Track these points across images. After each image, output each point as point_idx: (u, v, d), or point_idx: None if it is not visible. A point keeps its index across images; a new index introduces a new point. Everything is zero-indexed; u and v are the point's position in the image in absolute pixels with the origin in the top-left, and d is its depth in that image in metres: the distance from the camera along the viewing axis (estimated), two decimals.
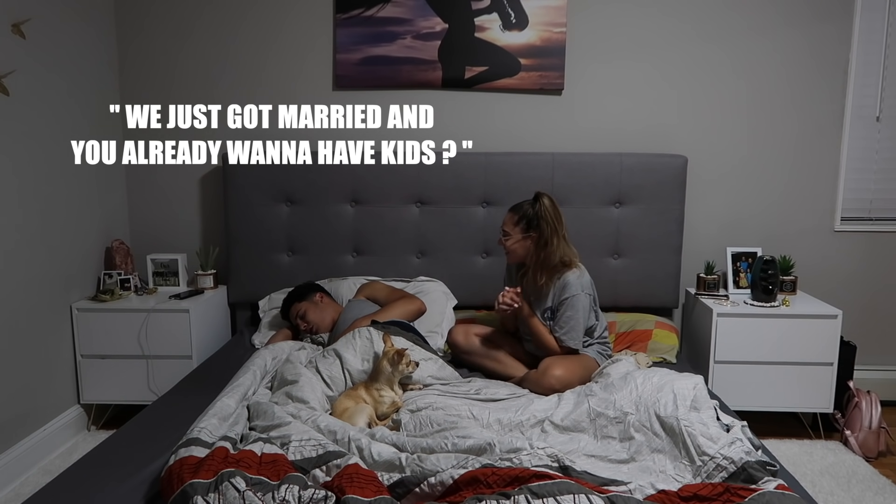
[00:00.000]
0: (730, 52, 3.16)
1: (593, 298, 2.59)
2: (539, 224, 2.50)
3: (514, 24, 3.15)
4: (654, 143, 3.21)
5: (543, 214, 2.49)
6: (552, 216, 2.49)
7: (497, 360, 2.63)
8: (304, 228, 3.19)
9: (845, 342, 2.96)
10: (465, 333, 2.67)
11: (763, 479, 1.65)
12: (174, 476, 1.62)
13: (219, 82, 3.27)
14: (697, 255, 3.26)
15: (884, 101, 3.20)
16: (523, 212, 2.53)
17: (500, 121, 3.25)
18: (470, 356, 2.67)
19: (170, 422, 2.11)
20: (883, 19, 3.15)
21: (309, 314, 2.81)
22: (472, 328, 2.70)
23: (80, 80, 2.98)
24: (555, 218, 2.50)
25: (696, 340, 3.10)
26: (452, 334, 2.71)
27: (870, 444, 2.80)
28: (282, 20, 3.21)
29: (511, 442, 1.75)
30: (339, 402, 2.21)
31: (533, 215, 2.51)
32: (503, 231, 2.57)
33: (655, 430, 1.93)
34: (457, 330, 2.71)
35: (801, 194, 3.25)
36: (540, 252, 2.50)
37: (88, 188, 3.05)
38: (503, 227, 2.57)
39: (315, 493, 1.55)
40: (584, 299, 2.51)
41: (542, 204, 2.50)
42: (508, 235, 2.55)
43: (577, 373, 2.43)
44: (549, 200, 2.52)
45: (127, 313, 2.92)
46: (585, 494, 1.49)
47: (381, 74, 3.20)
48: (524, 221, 2.52)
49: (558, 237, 2.50)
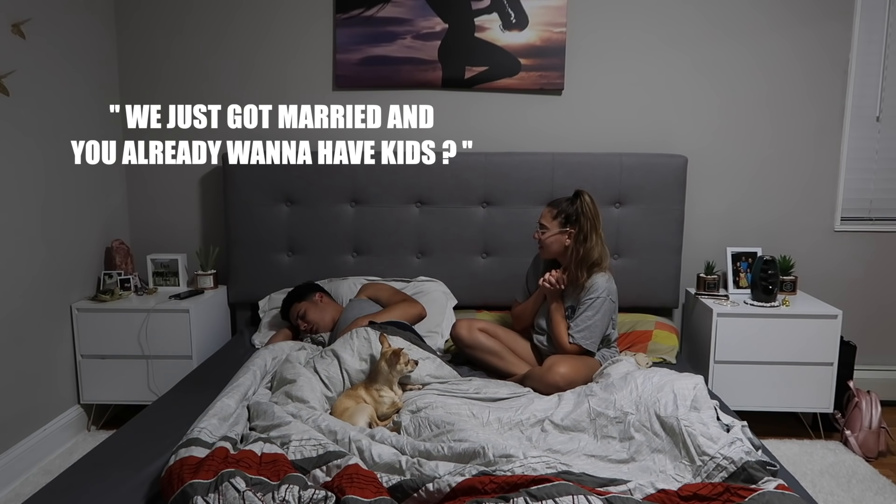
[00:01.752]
0: (730, 52, 3.16)
1: (615, 308, 2.61)
2: (579, 219, 2.54)
3: (514, 24, 3.15)
4: (654, 143, 3.21)
5: (584, 210, 2.53)
6: (592, 213, 2.54)
7: (500, 356, 2.63)
8: (304, 228, 3.19)
9: (845, 342, 2.96)
10: (468, 328, 2.67)
11: (763, 479, 1.65)
12: (174, 476, 1.62)
13: (219, 82, 3.27)
14: (697, 255, 3.26)
15: (884, 101, 3.20)
16: (562, 207, 2.57)
17: (500, 121, 3.25)
18: (473, 351, 2.67)
19: (170, 422, 2.11)
20: (883, 19, 3.15)
21: (309, 314, 2.82)
22: (476, 323, 2.70)
23: (79, 80, 2.98)
24: (594, 215, 2.54)
25: (696, 340, 3.10)
26: (456, 328, 2.70)
27: (870, 444, 2.80)
28: (282, 20, 3.21)
29: (504, 448, 1.74)
30: (340, 402, 2.21)
31: (573, 211, 2.55)
32: (540, 225, 2.60)
33: (655, 429, 1.93)
34: (461, 324, 2.70)
35: (801, 194, 3.25)
36: (579, 248, 2.53)
37: (88, 188, 3.05)
38: (540, 221, 2.61)
39: (315, 493, 1.54)
40: (609, 305, 2.54)
41: (584, 200, 2.54)
42: (546, 229, 2.58)
43: (582, 372, 2.44)
44: (590, 198, 2.56)
45: (127, 313, 2.92)
46: (584, 496, 1.49)
47: (381, 74, 3.20)
48: (562, 216, 2.56)
49: (597, 234, 2.54)
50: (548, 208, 2.61)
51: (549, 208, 2.61)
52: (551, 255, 2.63)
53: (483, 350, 2.65)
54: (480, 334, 2.66)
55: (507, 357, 2.64)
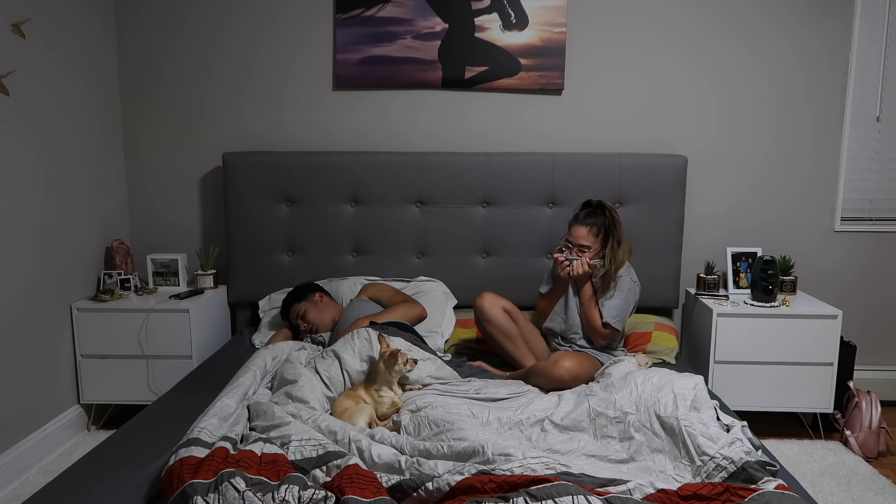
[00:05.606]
0: (730, 52, 3.16)
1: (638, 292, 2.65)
2: (612, 228, 2.57)
3: (514, 24, 3.15)
4: (654, 143, 3.21)
5: (616, 217, 2.58)
6: (619, 218, 2.60)
7: (512, 341, 2.63)
8: (304, 228, 3.19)
9: (845, 342, 2.96)
10: (492, 302, 2.65)
11: (763, 479, 1.65)
12: (174, 476, 1.62)
13: (219, 82, 3.26)
14: (697, 255, 3.26)
15: (884, 101, 3.20)
16: (599, 221, 2.57)
17: (500, 121, 3.25)
18: (488, 326, 2.64)
19: (170, 422, 2.11)
20: (883, 19, 3.15)
21: (309, 314, 2.82)
22: (500, 300, 2.67)
23: (79, 80, 2.98)
24: (620, 220, 2.61)
25: (696, 340, 3.10)
26: (481, 298, 2.66)
27: (870, 444, 2.80)
28: (282, 20, 3.21)
29: (503, 447, 1.74)
30: (340, 403, 2.21)
31: (608, 223, 2.57)
32: (580, 247, 2.56)
33: (655, 429, 1.94)
34: (486, 296, 2.66)
35: (801, 194, 3.25)
36: (615, 255, 2.56)
37: (88, 188, 3.05)
38: (580, 244, 2.56)
39: (315, 493, 1.54)
40: (631, 284, 2.59)
41: (609, 208, 2.59)
42: (587, 248, 2.56)
43: (587, 369, 2.45)
44: (610, 203, 2.62)
45: (127, 313, 2.92)
46: (584, 496, 1.49)
47: (381, 74, 3.20)
48: (603, 232, 2.57)
49: (623, 237, 2.59)
50: (585, 227, 2.57)
51: (586, 227, 2.57)
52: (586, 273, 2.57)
53: (498, 328, 2.62)
54: (501, 312, 2.63)
55: (519, 345, 2.63)
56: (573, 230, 2.59)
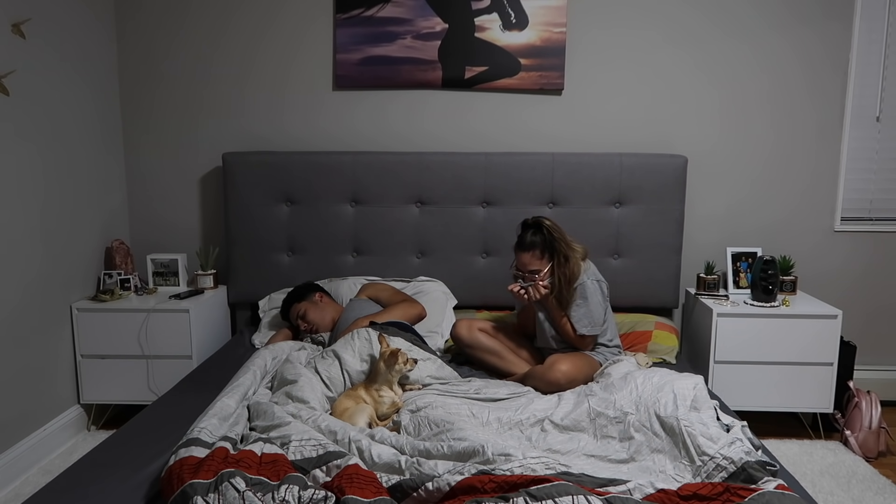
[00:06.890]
0: (730, 52, 3.15)
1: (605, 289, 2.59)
2: (554, 245, 2.50)
3: (514, 24, 3.15)
4: (654, 143, 3.21)
5: (554, 235, 2.50)
6: (559, 232, 2.52)
7: (499, 356, 2.64)
8: (304, 228, 3.19)
9: (845, 342, 2.96)
10: (468, 328, 2.68)
11: (763, 479, 1.65)
12: (174, 476, 1.62)
13: (218, 82, 3.26)
14: (697, 255, 3.26)
15: (884, 102, 3.20)
16: (537, 243, 2.50)
17: (500, 121, 3.25)
18: (472, 350, 2.67)
19: (170, 422, 2.11)
20: (883, 19, 3.15)
21: (309, 314, 2.82)
22: (476, 323, 2.71)
23: (79, 80, 2.98)
24: (561, 232, 2.53)
25: (696, 340, 3.10)
26: (456, 328, 2.71)
27: (870, 444, 2.80)
28: (282, 20, 3.21)
29: (503, 447, 1.75)
30: (340, 403, 2.21)
31: (549, 240, 2.50)
32: (531, 272, 2.50)
33: (655, 429, 1.94)
34: (461, 324, 2.71)
35: (801, 194, 3.25)
36: (564, 270, 2.50)
37: (88, 188, 3.05)
38: (529, 269, 2.50)
39: (315, 493, 1.55)
40: (594, 286, 2.53)
41: (545, 225, 2.51)
42: (538, 271, 2.51)
43: (584, 370, 2.44)
44: (549, 221, 2.53)
45: (127, 313, 2.92)
46: (584, 496, 1.49)
47: (381, 74, 3.20)
48: (547, 252, 2.51)
49: (570, 247, 2.53)
50: (528, 253, 2.50)
51: (530, 252, 2.50)
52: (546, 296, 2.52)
53: (483, 350, 2.65)
54: (480, 334, 2.66)
55: (507, 357, 2.64)
56: (518, 258, 2.54)
